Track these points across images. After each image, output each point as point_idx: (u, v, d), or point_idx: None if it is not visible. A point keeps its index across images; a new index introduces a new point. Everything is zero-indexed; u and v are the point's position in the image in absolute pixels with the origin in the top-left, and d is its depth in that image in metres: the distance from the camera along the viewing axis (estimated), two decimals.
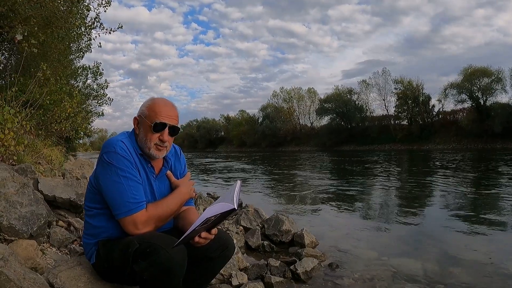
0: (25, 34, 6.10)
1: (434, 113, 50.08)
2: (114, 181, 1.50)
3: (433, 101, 49.66)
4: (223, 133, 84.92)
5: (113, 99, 16.88)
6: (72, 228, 2.82)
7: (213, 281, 2.43)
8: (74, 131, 9.21)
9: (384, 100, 54.83)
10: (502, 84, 41.87)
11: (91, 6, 7.49)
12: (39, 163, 4.82)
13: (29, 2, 5.82)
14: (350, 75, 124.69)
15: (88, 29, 8.31)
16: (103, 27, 8.05)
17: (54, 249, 2.40)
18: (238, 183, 1.45)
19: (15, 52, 9.16)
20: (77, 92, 8.75)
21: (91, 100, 16.15)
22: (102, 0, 7.32)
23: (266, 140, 64.93)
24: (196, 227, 1.32)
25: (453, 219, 4.89)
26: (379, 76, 54.96)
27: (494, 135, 38.60)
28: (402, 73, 77.94)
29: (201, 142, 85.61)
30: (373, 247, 3.60)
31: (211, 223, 1.37)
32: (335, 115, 57.85)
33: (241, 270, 2.79)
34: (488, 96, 42.83)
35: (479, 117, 40.90)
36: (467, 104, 44.57)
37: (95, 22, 8.06)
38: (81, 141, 23.70)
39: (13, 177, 2.36)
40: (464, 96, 44.24)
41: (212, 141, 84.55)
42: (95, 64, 15.55)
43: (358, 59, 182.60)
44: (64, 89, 7.80)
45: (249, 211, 4.35)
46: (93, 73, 15.62)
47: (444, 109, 48.76)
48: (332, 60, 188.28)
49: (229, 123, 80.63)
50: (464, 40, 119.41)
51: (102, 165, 1.54)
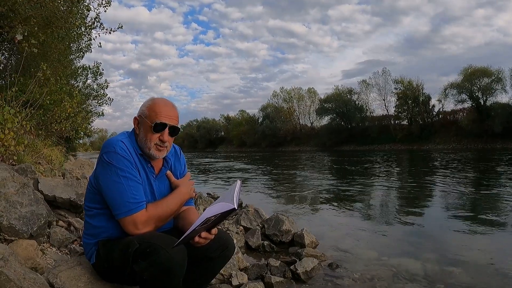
0: (25, 34, 6.11)
1: (434, 113, 50.13)
2: (114, 181, 1.50)
3: (433, 101, 49.81)
4: (223, 133, 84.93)
5: (113, 99, 16.92)
6: (72, 228, 2.82)
7: (213, 281, 2.43)
8: (74, 131, 9.21)
9: (384, 100, 54.92)
10: (502, 84, 41.92)
11: (91, 6, 7.51)
12: (39, 163, 4.83)
13: (29, 2, 5.82)
14: (350, 75, 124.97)
15: (88, 29, 8.33)
16: (103, 27, 8.07)
17: (54, 249, 2.40)
18: (238, 183, 1.45)
19: (15, 52, 9.16)
20: (77, 92, 8.75)
21: (91, 100, 16.16)
22: (102, 0, 7.34)
23: (266, 140, 64.92)
24: (196, 227, 1.32)
25: (453, 219, 4.89)
26: (379, 76, 55.06)
27: (494, 135, 38.61)
28: (402, 73, 78.09)
29: (201, 142, 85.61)
30: (373, 247, 3.60)
31: (211, 223, 1.37)
32: (335, 115, 57.86)
33: (241, 270, 2.79)
34: (488, 96, 42.87)
35: (479, 117, 40.91)
36: (467, 104, 44.66)
37: (95, 22, 8.09)
38: (81, 141, 23.72)
39: (13, 177, 2.37)
40: (464, 96, 44.29)
41: (212, 141, 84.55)
42: (95, 64, 15.61)
43: (358, 59, 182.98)
44: (64, 89, 7.81)
45: (249, 211, 4.35)
46: (93, 73, 15.65)
47: (444, 109, 48.89)
48: (332, 60, 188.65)
49: (229, 123, 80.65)
50: (464, 40, 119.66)
51: (102, 165, 1.54)
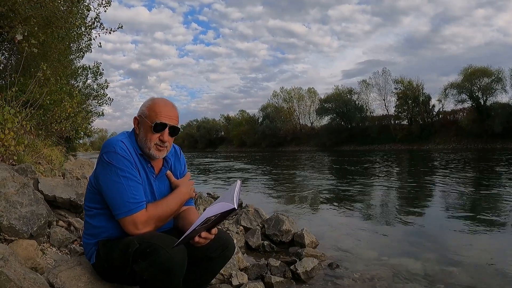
0: (25, 34, 6.11)
1: (434, 113, 50.13)
2: (114, 181, 1.50)
3: (433, 101, 49.81)
4: (223, 133, 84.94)
5: (113, 99, 16.91)
6: (72, 228, 2.82)
7: (213, 281, 2.43)
8: (74, 131, 9.21)
9: (384, 100, 54.92)
10: (502, 84, 41.93)
11: (91, 6, 7.52)
12: (39, 163, 4.83)
13: (29, 2, 5.82)
14: (350, 75, 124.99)
15: (88, 29, 8.33)
16: (103, 27, 8.07)
17: (54, 249, 2.40)
18: (238, 182, 1.45)
19: (15, 52, 9.16)
20: (77, 92, 8.75)
21: (91, 100, 16.15)
22: (102, 0, 7.34)
23: (266, 140, 64.91)
24: (196, 227, 1.32)
25: (453, 219, 4.89)
26: (379, 76, 55.06)
27: (494, 135, 38.61)
28: (402, 73, 78.20)
29: (201, 142, 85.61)
30: (373, 247, 3.60)
31: (211, 223, 1.37)
32: (335, 115, 57.87)
33: (241, 270, 2.79)
34: (488, 96, 42.87)
35: (479, 117, 40.91)
36: (467, 104, 44.66)
37: (95, 22, 8.09)
38: (81, 141, 23.71)
39: (13, 177, 2.37)
40: (464, 96, 44.30)
41: (212, 141, 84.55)
42: (95, 64, 15.59)
43: (358, 59, 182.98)
44: (64, 89, 7.81)
45: (249, 211, 4.36)
46: (93, 73, 15.63)
47: (444, 109, 48.89)
48: (332, 60, 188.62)
49: (229, 123, 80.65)
50: (464, 40, 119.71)
51: (102, 165, 1.54)
